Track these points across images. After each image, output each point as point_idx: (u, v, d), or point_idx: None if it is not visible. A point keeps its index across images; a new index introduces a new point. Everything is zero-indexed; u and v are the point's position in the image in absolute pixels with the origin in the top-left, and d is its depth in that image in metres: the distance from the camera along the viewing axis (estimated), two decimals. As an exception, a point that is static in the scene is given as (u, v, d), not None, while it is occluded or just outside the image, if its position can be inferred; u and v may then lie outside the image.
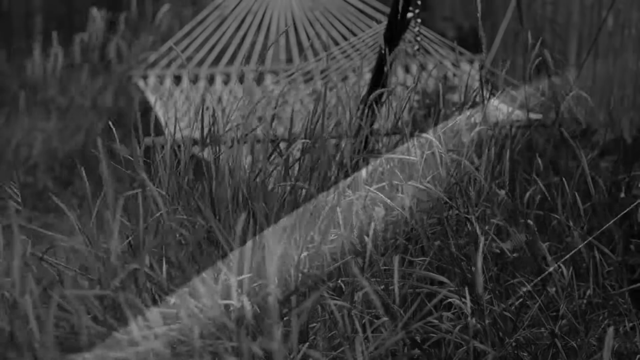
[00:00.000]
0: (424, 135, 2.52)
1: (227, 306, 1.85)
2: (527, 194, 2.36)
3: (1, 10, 6.07)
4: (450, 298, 1.97)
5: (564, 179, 2.36)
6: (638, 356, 2.18)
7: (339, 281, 2.09)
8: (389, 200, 2.04)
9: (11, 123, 4.82)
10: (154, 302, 1.85)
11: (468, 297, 1.95)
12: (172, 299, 1.79)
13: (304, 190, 2.28)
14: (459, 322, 2.04)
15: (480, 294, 1.76)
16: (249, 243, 2.08)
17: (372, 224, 2.15)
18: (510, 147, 2.64)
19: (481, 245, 1.84)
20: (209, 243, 2.14)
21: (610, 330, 1.46)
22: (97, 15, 5.22)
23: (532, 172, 2.62)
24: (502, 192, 2.24)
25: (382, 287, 1.97)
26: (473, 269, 2.09)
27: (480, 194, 2.20)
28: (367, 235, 1.93)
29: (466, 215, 2.17)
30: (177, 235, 2.10)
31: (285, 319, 1.97)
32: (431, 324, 2.04)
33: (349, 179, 2.36)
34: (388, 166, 2.42)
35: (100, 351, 1.53)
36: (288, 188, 2.25)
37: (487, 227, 2.15)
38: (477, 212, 2.14)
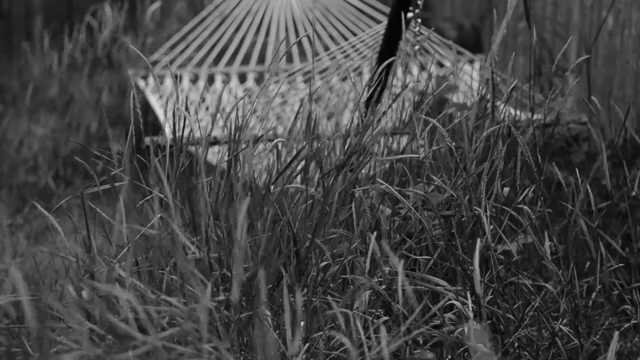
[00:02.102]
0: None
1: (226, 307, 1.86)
2: (529, 191, 2.35)
3: (1, 10, 6.07)
4: (452, 299, 1.97)
5: (570, 179, 2.36)
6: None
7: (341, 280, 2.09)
8: (400, 196, 2.04)
9: (12, 122, 4.82)
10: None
11: (469, 298, 1.96)
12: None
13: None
14: (461, 322, 2.04)
15: (478, 294, 1.77)
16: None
17: (380, 223, 2.15)
18: (513, 146, 2.63)
19: (478, 245, 1.84)
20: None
21: (616, 334, 1.46)
22: (108, 11, 5.22)
23: (535, 172, 2.61)
24: (506, 190, 2.24)
25: (384, 286, 1.97)
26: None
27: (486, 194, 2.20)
28: (373, 234, 1.93)
29: (469, 212, 2.18)
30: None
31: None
32: (433, 325, 2.04)
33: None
34: (395, 166, 2.42)
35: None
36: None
37: (491, 227, 2.15)
38: (482, 211, 2.14)
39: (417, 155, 2.26)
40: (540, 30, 4.41)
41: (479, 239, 1.86)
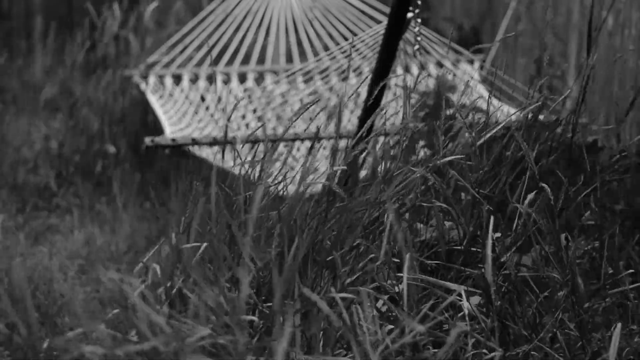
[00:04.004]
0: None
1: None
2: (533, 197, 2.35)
3: (1, 10, 6.07)
4: (460, 300, 1.97)
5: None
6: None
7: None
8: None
9: (12, 122, 4.82)
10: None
11: (465, 299, 1.96)
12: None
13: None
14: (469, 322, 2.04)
15: (490, 282, 1.76)
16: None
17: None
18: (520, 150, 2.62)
19: (491, 225, 1.83)
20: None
21: (618, 326, 1.45)
22: (116, 10, 5.21)
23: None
24: (530, 197, 2.24)
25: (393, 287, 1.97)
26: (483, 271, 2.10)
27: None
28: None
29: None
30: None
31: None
32: (438, 323, 2.04)
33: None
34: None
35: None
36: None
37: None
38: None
39: (461, 157, 2.25)
40: (540, 32, 4.41)
41: (490, 230, 1.86)
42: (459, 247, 2.16)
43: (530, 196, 2.19)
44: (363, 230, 2.21)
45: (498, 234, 2.26)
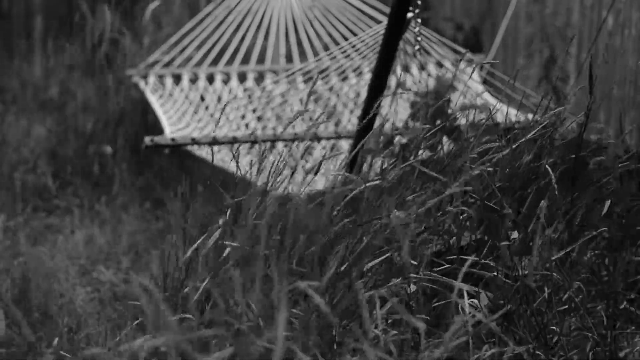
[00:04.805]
0: None
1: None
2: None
3: (1, 10, 6.06)
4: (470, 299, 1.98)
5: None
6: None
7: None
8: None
9: (12, 122, 4.82)
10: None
11: (465, 297, 1.96)
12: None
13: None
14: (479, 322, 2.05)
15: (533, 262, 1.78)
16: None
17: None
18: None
19: (539, 228, 1.82)
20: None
21: None
22: (106, 11, 5.21)
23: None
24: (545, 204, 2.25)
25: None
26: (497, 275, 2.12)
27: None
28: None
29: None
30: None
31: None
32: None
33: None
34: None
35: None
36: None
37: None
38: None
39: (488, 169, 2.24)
40: (541, 29, 4.41)
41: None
42: (467, 257, 2.19)
43: (543, 203, 2.21)
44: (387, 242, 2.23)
45: (515, 234, 2.28)
